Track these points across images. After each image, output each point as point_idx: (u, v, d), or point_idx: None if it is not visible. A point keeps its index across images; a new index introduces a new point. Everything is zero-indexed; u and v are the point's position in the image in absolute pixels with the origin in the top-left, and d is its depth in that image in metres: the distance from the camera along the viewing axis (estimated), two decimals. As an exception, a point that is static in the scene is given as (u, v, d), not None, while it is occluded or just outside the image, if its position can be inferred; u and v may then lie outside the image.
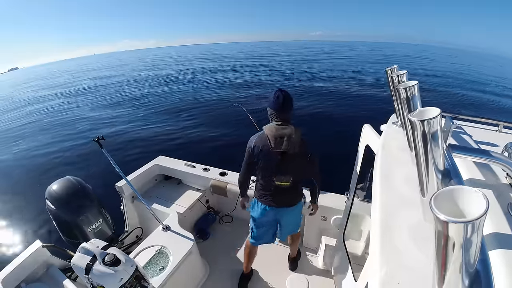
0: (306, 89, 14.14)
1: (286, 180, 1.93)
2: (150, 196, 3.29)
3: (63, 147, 8.45)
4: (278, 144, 1.80)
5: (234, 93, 14.17)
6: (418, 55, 57.08)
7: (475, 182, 0.86)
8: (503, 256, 0.58)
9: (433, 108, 0.60)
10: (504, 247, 0.60)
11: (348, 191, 2.24)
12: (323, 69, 25.00)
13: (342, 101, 11.69)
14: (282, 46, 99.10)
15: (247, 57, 46.92)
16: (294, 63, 32.72)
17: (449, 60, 49.17)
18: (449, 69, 30.78)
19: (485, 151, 0.78)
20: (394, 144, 1.20)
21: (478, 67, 39.70)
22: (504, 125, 1.53)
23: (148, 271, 2.14)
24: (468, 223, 0.34)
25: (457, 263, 0.40)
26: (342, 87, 14.78)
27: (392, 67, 1.17)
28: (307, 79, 17.87)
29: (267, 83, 16.95)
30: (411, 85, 0.83)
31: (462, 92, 15.39)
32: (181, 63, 40.31)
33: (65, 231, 2.41)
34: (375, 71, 23.65)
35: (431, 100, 11.85)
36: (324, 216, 2.68)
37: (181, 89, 16.87)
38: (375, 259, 0.69)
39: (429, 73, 23.90)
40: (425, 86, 15.56)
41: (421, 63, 36.88)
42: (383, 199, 0.87)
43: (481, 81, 21.17)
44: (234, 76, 21.59)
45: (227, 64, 33.15)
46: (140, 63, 47.56)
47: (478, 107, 12.19)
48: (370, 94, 13.25)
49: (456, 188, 0.41)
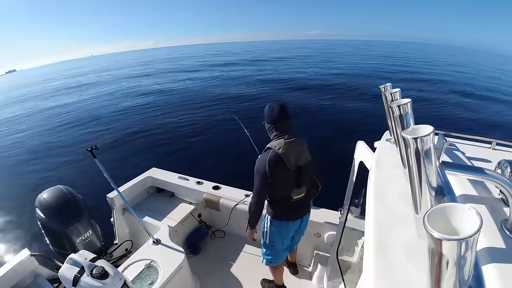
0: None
1: (302, 192, 1.94)
2: (141, 208, 3.24)
3: (55, 156, 8.35)
4: (294, 161, 1.79)
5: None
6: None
7: (468, 198, 0.86)
8: (497, 272, 0.58)
9: (426, 126, 0.61)
10: (498, 263, 0.61)
11: (342, 207, 2.23)
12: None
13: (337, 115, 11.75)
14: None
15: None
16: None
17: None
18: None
19: (478, 168, 0.78)
20: (388, 161, 1.21)
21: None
22: (497, 142, 1.56)
23: (137, 286, 2.08)
24: (462, 240, 0.34)
25: (451, 281, 0.40)
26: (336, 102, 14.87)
27: (386, 85, 1.20)
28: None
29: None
30: (404, 103, 0.84)
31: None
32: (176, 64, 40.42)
33: (54, 241, 2.36)
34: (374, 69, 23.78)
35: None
36: (317, 232, 2.66)
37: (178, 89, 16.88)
38: (369, 276, 0.68)
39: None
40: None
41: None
42: (377, 215, 0.87)
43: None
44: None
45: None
46: (136, 67, 47.21)
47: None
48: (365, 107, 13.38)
49: (449, 205, 0.42)
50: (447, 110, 11.81)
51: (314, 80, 19.23)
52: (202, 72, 28.00)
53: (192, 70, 31.67)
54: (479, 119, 10.86)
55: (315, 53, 54.60)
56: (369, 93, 14.38)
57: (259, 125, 2.02)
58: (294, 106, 11.60)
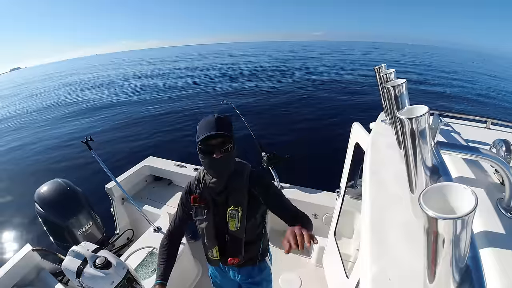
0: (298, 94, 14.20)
1: None
2: (140, 197, 3.26)
3: (51, 148, 8.30)
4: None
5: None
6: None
7: (464, 178, 0.87)
8: (492, 251, 0.59)
9: (421, 106, 0.61)
10: (494, 242, 0.62)
11: (338, 188, 2.26)
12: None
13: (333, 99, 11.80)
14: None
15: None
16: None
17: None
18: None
19: (473, 147, 0.79)
20: (384, 142, 1.22)
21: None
22: (492, 122, 1.56)
23: (140, 273, 2.12)
24: (458, 219, 0.35)
25: (447, 259, 0.41)
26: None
27: (381, 65, 1.18)
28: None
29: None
30: (399, 83, 0.83)
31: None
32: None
33: (55, 234, 2.37)
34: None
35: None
36: (315, 214, 2.69)
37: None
38: (366, 256, 0.69)
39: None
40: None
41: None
42: (373, 196, 0.87)
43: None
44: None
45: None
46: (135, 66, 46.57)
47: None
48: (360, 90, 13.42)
49: (444, 184, 0.42)
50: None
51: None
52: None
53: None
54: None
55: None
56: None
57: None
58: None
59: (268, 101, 11.64)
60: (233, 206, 1.31)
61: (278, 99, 11.99)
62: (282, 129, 8.22)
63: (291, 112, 10.01)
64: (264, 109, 10.45)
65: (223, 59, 42.55)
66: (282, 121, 8.99)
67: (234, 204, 1.31)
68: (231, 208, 1.31)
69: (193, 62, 40.14)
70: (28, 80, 48.01)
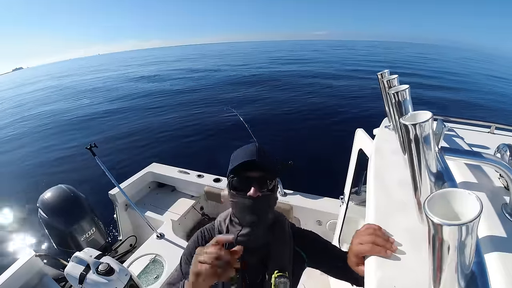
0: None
1: None
2: (143, 203, 3.26)
3: (55, 154, 8.34)
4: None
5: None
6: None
7: (468, 184, 0.86)
8: (497, 256, 0.59)
9: (424, 112, 0.61)
10: (499, 247, 0.61)
11: (342, 195, 2.24)
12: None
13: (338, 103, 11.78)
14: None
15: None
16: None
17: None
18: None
19: (477, 152, 0.78)
20: (387, 148, 1.21)
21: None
22: (496, 126, 1.55)
23: (143, 280, 2.11)
24: (462, 225, 0.35)
25: (452, 265, 0.40)
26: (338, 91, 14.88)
27: (383, 71, 1.19)
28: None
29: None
30: (402, 89, 0.83)
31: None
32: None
33: (58, 240, 2.38)
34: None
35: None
36: (318, 220, 2.67)
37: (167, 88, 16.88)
38: (371, 263, 0.69)
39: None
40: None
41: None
42: (378, 202, 0.87)
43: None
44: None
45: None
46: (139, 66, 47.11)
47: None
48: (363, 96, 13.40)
49: (449, 190, 0.42)
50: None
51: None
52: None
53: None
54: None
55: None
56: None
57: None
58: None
59: (269, 105, 11.68)
60: (277, 272, 0.92)
61: (279, 102, 12.03)
62: (283, 133, 8.25)
63: (293, 116, 10.02)
64: (265, 112, 10.49)
65: (224, 60, 43.06)
66: (283, 125, 9.02)
67: (279, 268, 0.94)
68: (277, 274, 0.91)
69: (196, 63, 40.56)
70: (31, 81, 48.42)
